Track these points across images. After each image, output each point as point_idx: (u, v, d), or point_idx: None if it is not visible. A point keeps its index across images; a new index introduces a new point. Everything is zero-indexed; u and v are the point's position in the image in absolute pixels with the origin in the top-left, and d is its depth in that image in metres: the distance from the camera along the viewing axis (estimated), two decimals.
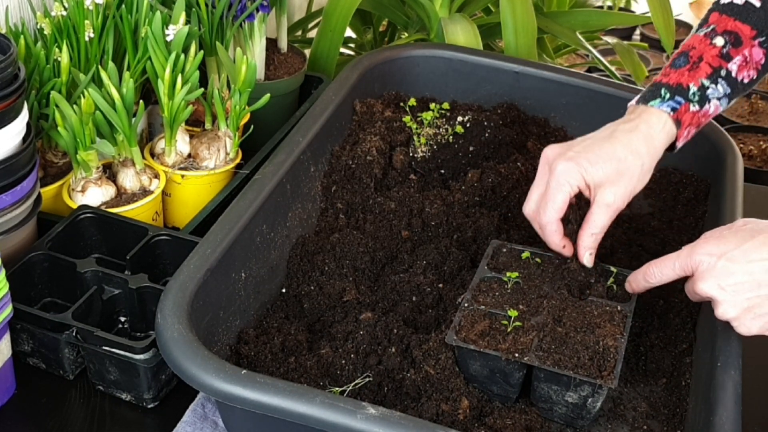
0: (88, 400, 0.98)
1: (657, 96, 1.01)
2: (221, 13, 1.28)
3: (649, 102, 1.01)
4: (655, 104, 1.00)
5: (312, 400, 0.78)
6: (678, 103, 1.00)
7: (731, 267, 0.88)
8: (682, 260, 0.92)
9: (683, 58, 1.03)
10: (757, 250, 0.87)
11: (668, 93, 1.00)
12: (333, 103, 1.21)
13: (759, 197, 1.40)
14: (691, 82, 1.01)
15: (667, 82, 1.01)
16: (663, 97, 1.00)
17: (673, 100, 1.00)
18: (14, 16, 1.25)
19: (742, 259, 0.87)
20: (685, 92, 1.00)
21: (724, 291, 0.88)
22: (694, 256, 0.90)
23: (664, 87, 1.01)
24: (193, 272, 0.91)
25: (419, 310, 1.04)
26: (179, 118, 1.17)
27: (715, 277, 0.88)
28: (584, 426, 0.94)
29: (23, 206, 1.03)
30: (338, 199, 1.18)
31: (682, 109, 1.00)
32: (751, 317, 0.88)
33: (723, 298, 0.88)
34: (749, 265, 0.87)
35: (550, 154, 0.99)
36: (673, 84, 1.01)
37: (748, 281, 0.87)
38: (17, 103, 0.99)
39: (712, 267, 0.89)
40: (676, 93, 1.00)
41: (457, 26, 1.55)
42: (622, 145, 0.97)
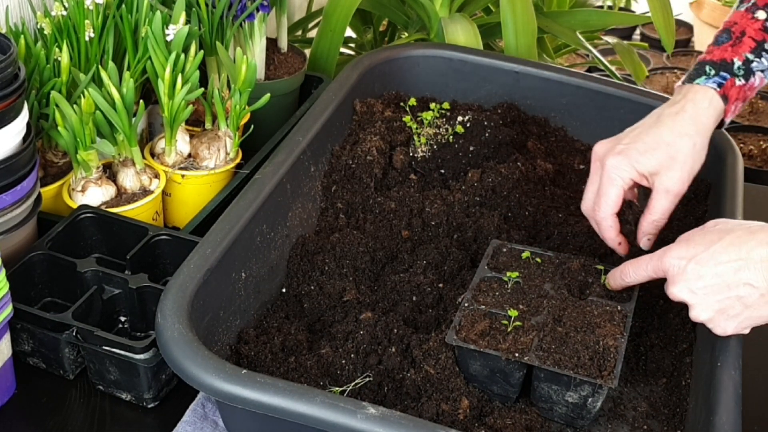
0: (88, 399, 0.98)
1: (702, 73, 1.01)
2: (221, 12, 1.28)
3: (694, 80, 1.01)
4: (701, 81, 1.01)
5: (312, 399, 0.78)
6: (723, 78, 1.00)
7: (700, 270, 0.88)
8: (654, 263, 0.92)
9: (726, 35, 1.03)
10: (725, 252, 0.87)
11: (713, 69, 1.01)
12: (333, 103, 1.21)
13: (759, 197, 1.40)
14: (735, 57, 1.01)
15: (711, 59, 1.02)
16: (708, 74, 1.01)
17: (718, 75, 1.00)
18: (14, 15, 1.25)
19: (711, 261, 0.87)
20: (729, 67, 1.01)
21: (695, 294, 0.88)
22: (664, 260, 0.91)
23: (709, 64, 1.01)
24: (193, 272, 0.91)
25: (419, 310, 1.04)
26: (179, 118, 1.17)
27: (686, 281, 0.89)
28: (584, 426, 0.94)
29: (23, 206, 1.03)
30: (338, 198, 1.18)
31: (728, 84, 1.00)
32: (725, 318, 0.88)
33: (694, 301, 0.89)
34: (717, 267, 0.87)
35: (600, 151, 1.00)
36: (717, 60, 1.01)
37: (718, 284, 0.87)
38: (17, 102, 0.99)
39: (682, 271, 0.89)
40: (721, 69, 1.01)
41: (458, 26, 1.55)
42: (669, 129, 0.98)
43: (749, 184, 1.29)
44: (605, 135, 1.31)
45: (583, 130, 1.34)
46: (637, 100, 1.29)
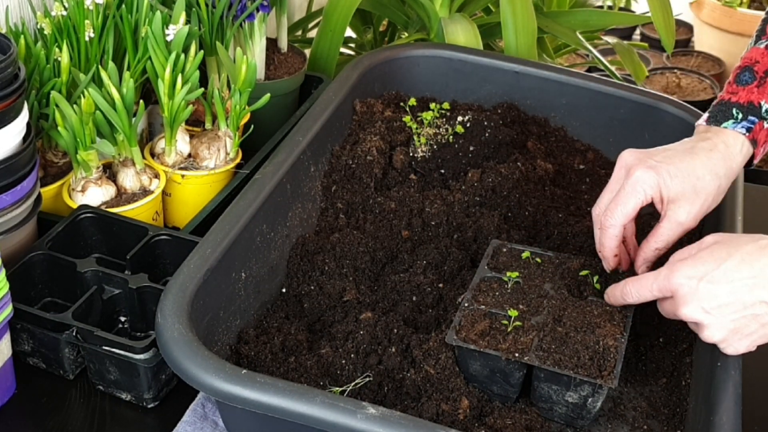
0: (88, 399, 0.98)
1: (729, 117, 0.99)
2: (221, 12, 1.28)
3: (722, 123, 0.99)
4: (729, 125, 0.99)
5: (312, 399, 0.78)
6: (752, 123, 0.98)
7: (714, 289, 0.86)
8: (661, 282, 0.89)
9: (748, 74, 1.01)
10: (737, 269, 0.85)
11: (740, 113, 0.99)
12: (333, 103, 1.21)
13: (759, 197, 1.40)
14: (762, 99, 0.99)
15: (737, 101, 1.00)
16: (736, 118, 0.99)
17: (746, 120, 0.98)
18: (14, 15, 1.25)
19: (724, 279, 0.85)
20: (757, 111, 0.99)
21: (709, 314, 0.86)
22: (672, 279, 0.88)
23: (735, 107, 0.99)
24: (193, 272, 0.91)
25: (419, 310, 1.04)
26: (179, 118, 1.17)
27: (699, 300, 0.86)
28: (584, 426, 0.94)
29: (23, 206, 1.03)
30: (338, 198, 1.18)
31: (756, 128, 0.99)
32: (738, 338, 0.87)
33: (709, 321, 0.86)
34: (732, 285, 0.85)
35: (630, 159, 0.96)
36: (744, 103, 0.99)
37: (733, 302, 0.85)
38: (17, 102, 0.99)
39: (693, 290, 0.86)
40: (748, 113, 0.99)
41: (458, 26, 1.55)
42: (702, 164, 0.95)
43: (749, 184, 1.29)
44: (605, 135, 1.32)
45: (583, 130, 1.34)
46: (637, 100, 1.29)
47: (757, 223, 1.27)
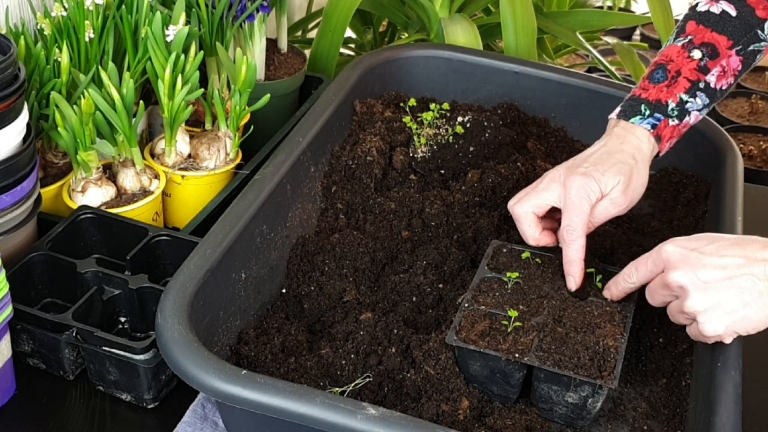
0: (88, 400, 0.98)
1: (638, 113, 1.03)
2: (221, 13, 1.28)
3: (630, 119, 1.03)
4: (636, 121, 1.03)
5: (312, 400, 0.78)
6: (657, 120, 1.03)
7: (704, 259, 0.87)
8: (654, 254, 0.92)
9: (661, 72, 1.04)
10: (730, 248, 0.88)
11: (648, 110, 1.03)
12: (333, 104, 1.21)
13: (759, 197, 1.40)
14: (670, 98, 1.03)
15: (646, 98, 1.04)
16: (643, 114, 1.03)
17: (652, 117, 1.03)
18: (14, 16, 1.25)
19: (715, 253, 0.87)
20: (664, 108, 1.03)
21: (696, 282, 0.87)
22: (665, 247, 0.90)
23: (644, 103, 1.03)
24: (193, 272, 0.91)
25: (419, 311, 1.04)
26: (179, 119, 1.17)
27: (689, 266, 0.88)
28: (584, 426, 0.94)
29: (23, 207, 1.03)
30: (338, 199, 1.18)
31: (661, 125, 1.03)
32: (719, 314, 0.87)
33: (694, 288, 0.87)
34: (722, 260, 0.87)
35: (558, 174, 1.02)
36: (652, 101, 1.03)
37: (721, 275, 0.86)
38: (17, 103, 0.99)
39: (684, 257, 0.88)
40: (655, 110, 1.03)
41: (457, 26, 1.55)
42: (620, 155, 1.01)
43: (749, 184, 1.29)
44: None
45: (583, 131, 1.34)
46: None
47: (757, 223, 1.27)
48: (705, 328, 0.88)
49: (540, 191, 1.01)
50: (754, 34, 1.04)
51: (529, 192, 1.03)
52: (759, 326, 0.87)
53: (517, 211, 1.02)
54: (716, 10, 1.05)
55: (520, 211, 1.02)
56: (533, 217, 1.02)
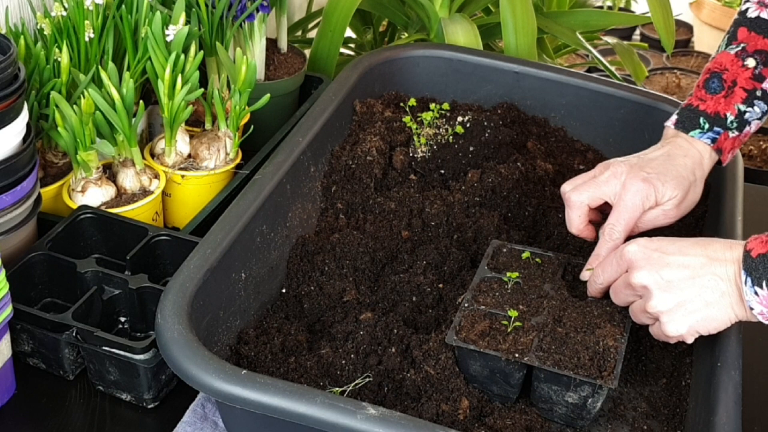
0: (88, 400, 0.98)
1: (696, 125, 1.03)
2: (221, 13, 1.28)
3: (689, 131, 1.03)
4: (696, 135, 1.03)
5: (312, 400, 0.78)
6: (717, 134, 1.03)
7: (667, 258, 0.88)
8: (618, 255, 0.92)
9: (717, 82, 1.04)
10: (692, 247, 0.88)
11: (707, 123, 1.03)
12: (333, 104, 1.21)
13: (759, 197, 1.40)
14: (728, 111, 1.03)
15: (704, 109, 1.03)
16: (703, 128, 1.03)
17: (712, 131, 1.03)
18: (14, 16, 1.24)
19: (678, 253, 0.88)
20: (723, 121, 1.03)
21: (658, 281, 0.87)
22: (627, 247, 0.90)
23: (703, 116, 1.03)
24: (193, 272, 0.91)
25: (419, 310, 1.04)
26: (179, 119, 1.17)
27: (651, 265, 0.88)
28: (584, 426, 0.94)
29: (23, 206, 1.03)
30: (338, 199, 1.18)
31: (721, 138, 1.03)
32: (682, 314, 0.87)
33: (657, 288, 0.87)
34: (685, 259, 0.87)
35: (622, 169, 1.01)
36: (711, 113, 1.03)
37: (684, 275, 0.87)
38: (17, 103, 0.99)
39: (647, 257, 0.89)
40: (714, 123, 1.03)
41: (457, 26, 1.55)
42: (683, 166, 1.01)
43: (749, 184, 1.29)
44: (605, 135, 1.32)
45: (583, 131, 1.34)
46: (637, 101, 1.29)
47: (757, 223, 1.27)
48: (667, 328, 0.88)
49: (600, 184, 1.00)
50: None
51: (588, 182, 1.01)
52: (720, 326, 0.88)
53: (573, 198, 1.01)
54: (766, 16, 1.04)
55: (575, 199, 1.01)
56: (586, 208, 1.01)
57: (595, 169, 1.03)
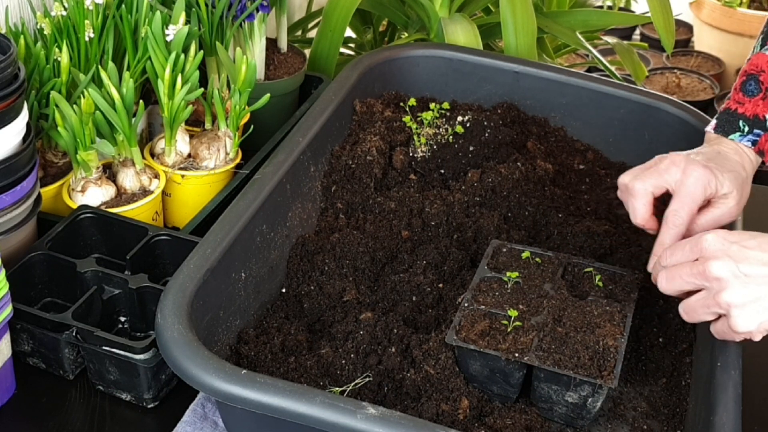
0: (88, 400, 0.98)
1: (736, 129, 1.03)
2: (221, 13, 1.28)
3: (729, 135, 1.03)
4: (735, 138, 1.02)
5: (312, 400, 0.78)
6: (757, 136, 1.02)
7: (746, 252, 0.85)
8: (693, 242, 0.89)
9: (754, 84, 1.03)
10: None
11: (746, 126, 1.02)
12: (333, 103, 1.21)
13: (759, 197, 1.40)
14: (767, 113, 1.02)
15: (743, 112, 1.03)
16: (743, 131, 1.02)
17: (752, 133, 1.02)
18: (14, 16, 1.25)
19: (758, 248, 0.85)
20: (762, 123, 1.02)
21: (736, 274, 0.85)
22: (706, 236, 0.88)
23: (742, 119, 1.03)
24: (193, 272, 0.91)
25: (419, 310, 1.04)
26: (179, 118, 1.17)
27: (730, 257, 0.85)
28: (584, 426, 0.94)
29: (23, 206, 1.03)
30: (338, 199, 1.18)
31: (762, 139, 1.02)
32: (756, 309, 0.85)
33: (735, 280, 0.85)
34: (765, 255, 0.85)
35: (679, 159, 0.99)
36: (750, 116, 1.02)
37: (763, 272, 0.84)
38: (17, 103, 0.99)
39: (726, 248, 0.86)
40: (754, 126, 1.02)
41: (457, 26, 1.55)
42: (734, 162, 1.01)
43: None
44: (605, 135, 1.32)
45: (583, 130, 1.34)
46: (637, 101, 1.29)
47: (757, 223, 1.27)
48: (737, 323, 0.85)
49: (662, 172, 0.98)
50: None
51: (650, 171, 0.99)
52: None
53: (637, 187, 0.98)
54: None
55: (640, 188, 0.98)
56: (651, 196, 0.98)
57: (650, 161, 1.01)
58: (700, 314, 0.89)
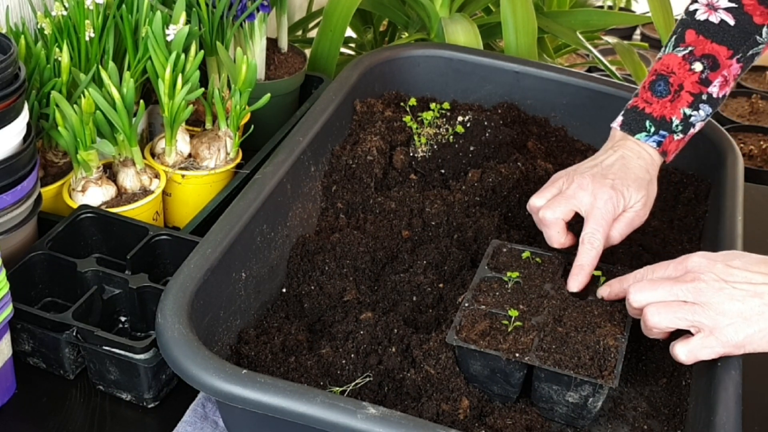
0: (89, 399, 0.98)
1: (642, 129, 1.04)
2: (221, 12, 1.28)
3: (635, 134, 1.05)
4: (641, 138, 1.04)
5: (312, 399, 0.78)
6: (662, 137, 1.04)
7: (731, 271, 0.86)
8: (676, 262, 0.90)
9: (663, 85, 1.05)
10: (757, 264, 0.86)
11: (653, 126, 1.04)
12: (333, 103, 1.21)
13: (759, 197, 1.40)
14: (674, 115, 1.04)
15: (650, 112, 1.05)
16: (648, 131, 1.04)
17: (657, 134, 1.04)
18: (15, 15, 1.25)
19: (742, 266, 0.86)
20: (668, 125, 1.04)
21: (723, 285, 0.85)
22: (692, 258, 0.88)
23: (649, 119, 1.04)
24: (193, 272, 0.91)
25: (419, 310, 1.04)
26: (179, 118, 1.17)
27: (714, 272, 0.86)
28: (585, 426, 0.94)
29: (23, 206, 1.03)
30: (338, 198, 1.18)
31: (666, 141, 1.04)
32: (743, 322, 0.84)
33: (723, 292, 0.85)
34: (749, 274, 0.85)
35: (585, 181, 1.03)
36: (657, 117, 1.04)
37: (747, 290, 0.84)
38: (18, 102, 0.99)
39: (711, 266, 0.86)
40: (660, 127, 1.04)
41: (458, 26, 1.55)
42: (639, 168, 1.03)
43: (749, 184, 1.30)
44: (605, 135, 1.32)
45: (584, 130, 1.34)
46: None
47: (757, 223, 1.28)
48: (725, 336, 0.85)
49: (569, 198, 1.02)
50: (753, 40, 1.05)
51: (558, 198, 1.02)
52: None
53: (548, 217, 1.02)
54: (715, 20, 1.05)
55: (551, 218, 1.02)
56: (563, 223, 1.03)
57: (555, 182, 1.04)
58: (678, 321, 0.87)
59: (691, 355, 0.87)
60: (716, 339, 0.85)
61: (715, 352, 0.86)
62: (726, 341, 0.85)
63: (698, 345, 0.86)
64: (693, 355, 0.87)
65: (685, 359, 0.87)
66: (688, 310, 0.86)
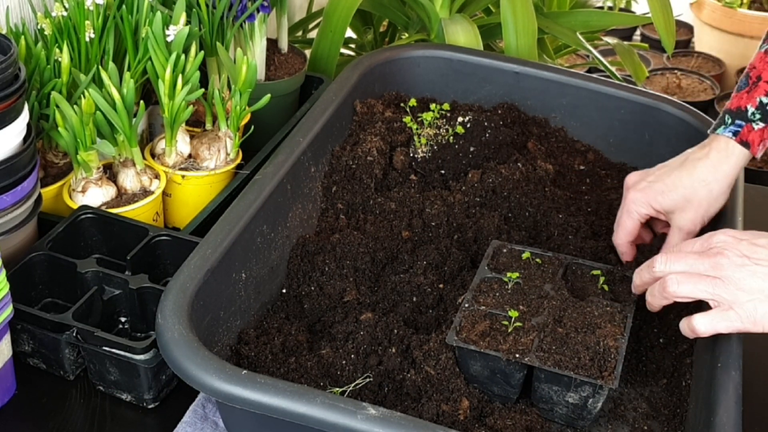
0: (89, 400, 0.98)
1: (722, 123, 1.05)
2: (222, 13, 1.28)
3: (716, 129, 1.05)
4: (720, 131, 1.04)
5: (312, 400, 0.78)
6: (739, 126, 1.03)
7: (756, 249, 0.87)
8: (703, 238, 0.91)
9: (744, 80, 1.06)
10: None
11: (730, 118, 1.04)
12: (333, 104, 1.21)
13: (759, 197, 1.40)
14: (749, 104, 1.03)
15: (729, 107, 1.05)
16: (726, 123, 1.04)
17: (734, 124, 1.03)
18: (15, 16, 1.25)
19: (767, 245, 0.87)
20: (744, 114, 1.03)
21: (746, 260, 0.86)
22: (717, 234, 0.90)
23: (728, 113, 1.05)
24: (193, 272, 0.91)
25: (419, 311, 1.04)
26: (180, 119, 1.17)
27: (740, 249, 0.87)
28: (585, 426, 0.94)
29: (24, 207, 1.03)
30: (339, 199, 1.18)
31: (744, 131, 1.03)
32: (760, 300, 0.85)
33: (746, 268, 0.86)
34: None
35: (629, 181, 1.09)
36: (734, 108, 1.04)
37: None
38: (18, 103, 0.99)
39: (736, 244, 0.88)
40: (736, 117, 1.04)
41: (458, 27, 1.55)
42: (688, 174, 1.04)
43: (749, 184, 1.29)
44: (605, 136, 1.32)
45: (584, 131, 1.34)
46: (638, 101, 1.29)
47: (757, 223, 1.27)
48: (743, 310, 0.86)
49: (625, 219, 1.07)
50: None
51: (618, 221, 1.08)
52: None
53: (615, 242, 1.09)
54: None
55: (617, 242, 1.08)
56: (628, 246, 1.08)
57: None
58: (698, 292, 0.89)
59: (711, 327, 0.88)
60: (735, 313, 0.87)
61: (734, 327, 0.87)
62: (745, 316, 0.86)
63: (718, 317, 0.88)
64: (712, 327, 0.88)
65: (704, 330, 0.89)
66: (710, 282, 0.88)
